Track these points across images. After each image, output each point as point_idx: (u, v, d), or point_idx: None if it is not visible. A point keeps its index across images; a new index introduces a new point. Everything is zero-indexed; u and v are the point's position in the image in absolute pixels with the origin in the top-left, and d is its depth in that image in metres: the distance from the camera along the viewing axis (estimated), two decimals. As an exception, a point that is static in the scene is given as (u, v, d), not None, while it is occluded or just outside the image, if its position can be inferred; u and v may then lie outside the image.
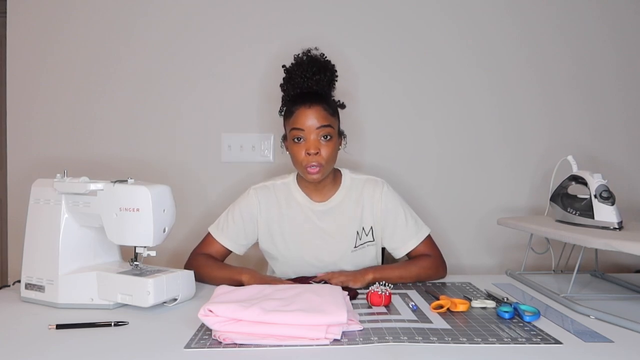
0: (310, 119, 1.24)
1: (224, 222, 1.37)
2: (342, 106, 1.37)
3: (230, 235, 1.36)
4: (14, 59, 1.78)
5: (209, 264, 1.30)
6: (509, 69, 1.83)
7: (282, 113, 1.35)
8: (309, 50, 1.32)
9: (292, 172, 1.42)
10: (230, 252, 1.37)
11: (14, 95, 1.79)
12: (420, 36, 1.82)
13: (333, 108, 1.31)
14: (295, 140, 1.27)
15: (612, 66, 1.84)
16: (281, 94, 1.35)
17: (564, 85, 1.84)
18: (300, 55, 1.32)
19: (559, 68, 1.84)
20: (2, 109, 2.07)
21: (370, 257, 1.38)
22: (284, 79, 1.33)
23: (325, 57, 1.34)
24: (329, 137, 1.26)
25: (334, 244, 1.35)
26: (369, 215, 1.36)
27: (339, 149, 1.34)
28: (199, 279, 1.21)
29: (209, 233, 1.38)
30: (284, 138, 1.35)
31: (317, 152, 1.24)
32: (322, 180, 1.31)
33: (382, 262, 1.49)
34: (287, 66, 1.33)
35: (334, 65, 1.34)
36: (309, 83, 1.28)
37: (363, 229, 1.36)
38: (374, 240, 1.37)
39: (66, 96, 1.78)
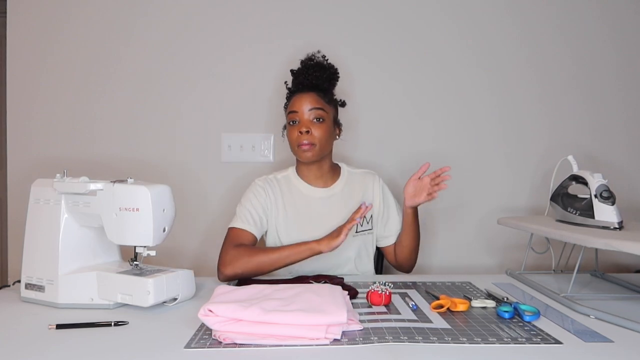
0: (304, 102, 1.34)
1: (243, 214, 1.35)
2: (343, 104, 1.46)
3: (256, 222, 1.35)
4: (14, 59, 1.78)
5: (260, 251, 1.25)
6: (509, 69, 1.83)
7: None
8: (313, 55, 1.42)
9: (289, 166, 1.47)
10: (256, 240, 1.35)
11: (14, 95, 1.79)
12: (420, 36, 1.82)
13: (329, 98, 1.40)
14: (291, 123, 1.36)
15: (612, 66, 1.85)
16: (284, 92, 1.45)
17: (564, 85, 1.84)
18: (304, 60, 1.41)
19: (559, 68, 1.84)
20: (2, 109, 2.07)
21: (368, 244, 1.44)
22: (292, 81, 1.43)
23: (328, 59, 1.43)
24: (321, 120, 1.34)
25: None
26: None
27: (336, 139, 1.43)
28: (256, 270, 1.22)
29: (231, 228, 1.34)
30: (284, 127, 1.42)
31: (309, 131, 1.32)
32: (317, 163, 1.38)
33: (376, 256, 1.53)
34: (295, 70, 1.41)
35: (336, 69, 1.43)
36: (309, 78, 1.37)
37: (364, 216, 1.41)
38: (372, 229, 1.44)
39: (66, 96, 1.78)
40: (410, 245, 1.41)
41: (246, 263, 1.22)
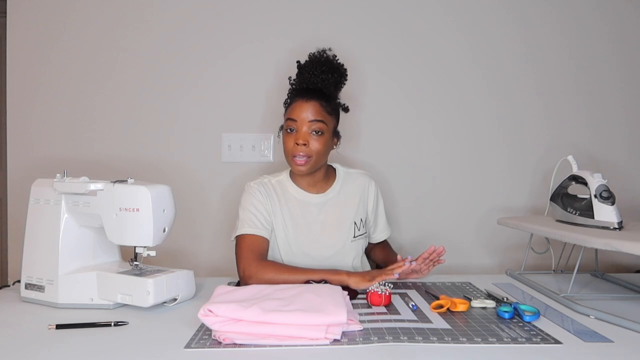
0: (305, 111, 1.27)
1: (249, 219, 1.31)
2: (346, 110, 1.41)
3: (264, 224, 1.31)
4: (14, 59, 1.78)
5: (287, 270, 1.22)
6: (509, 70, 1.83)
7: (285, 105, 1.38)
8: (324, 50, 1.35)
9: (284, 169, 1.44)
10: (269, 243, 1.32)
11: (14, 95, 1.79)
12: (420, 37, 1.82)
13: (332, 107, 1.33)
14: (288, 130, 1.30)
15: (612, 66, 1.85)
16: (285, 92, 1.39)
17: (563, 85, 1.84)
18: (314, 53, 1.35)
19: (559, 68, 1.84)
20: (2, 109, 2.07)
21: (363, 248, 1.43)
22: (296, 74, 1.36)
23: (338, 59, 1.36)
24: (320, 133, 1.28)
25: (334, 235, 1.36)
26: (363, 208, 1.42)
27: (333, 148, 1.37)
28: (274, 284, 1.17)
29: (242, 236, 1.29)
30: (281, 128, 1.37)
31: (306, 144, 1.27)
32: (310, 173, 1.34)
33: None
34: (301, 62, 1.35)
35: (346, 69, 1.37)
36: (315, 80, 1.31)
37: (361, 220, 1.40)
38: (366, 232, 1.44)
39: (66, 96, 1.78)
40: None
41: (271, 280, 1.17)
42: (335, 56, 1.36)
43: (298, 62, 1.35)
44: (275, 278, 1.18)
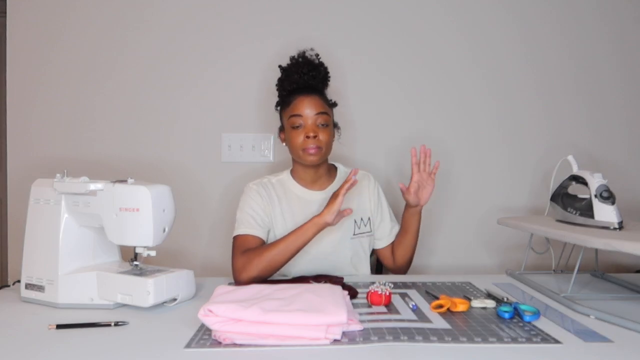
0: (309, 106, 1.31)
1: (245, 219, 1.34)
2: (334, 105, 1.43)
3: (259, 224, 1.33)
4: (14, 59, 1.78)
5: (267, 247, 1.24)
6: (509, 69, 1.83)
7: (279, 107, 1.41)
8: (304, 52, 1.39)
9: (284, 169, 1.46)
10: (264, 242, 1.34)
11: (14, 95, 1.78)
12: (419, 35, 1.82)
13: (328, 101, 1.39)
14: (294, 127, 1.33)
15: (612, 66, 1.85)
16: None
17: (564, 85, 1.84)
18: (296, 57, 1.39)
19: (559, 68, 1.84)
20: (2, 109, 2.07)
21: (365, 246, 1.43)
22: (279, 78, 1.40)
23: (320, 58, 1.40)
24: (325, 125, 1.33)
25: (333, 232, 1.36)
26: (366, 207, 1.43)
27: (333, 139, 1.40)
28: (270, 267, 1.21)
29: (236, 236, 1.32)
30: (281, 129, 1.41)
31: (316, 136, 1.31)
32: (316, 167, 1.37)
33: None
34: (284, 66, 1.39)
35: (326, 67, 1.41)
36: (305, 78, 1.35)
37: (362, 219, 1.41)
38: (371, 231, 1.43)
39: (66, 96, 1.78)
40: (413, 245, 1.41)
41: (258, 264, 1.21)
42: (318, 55, 1.40)
43: (280, 66, 1.39)
44: (261, 261, 1.21)
